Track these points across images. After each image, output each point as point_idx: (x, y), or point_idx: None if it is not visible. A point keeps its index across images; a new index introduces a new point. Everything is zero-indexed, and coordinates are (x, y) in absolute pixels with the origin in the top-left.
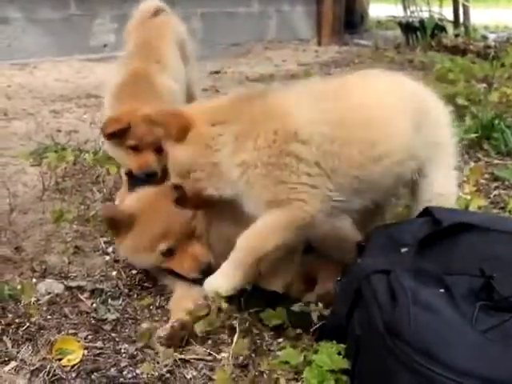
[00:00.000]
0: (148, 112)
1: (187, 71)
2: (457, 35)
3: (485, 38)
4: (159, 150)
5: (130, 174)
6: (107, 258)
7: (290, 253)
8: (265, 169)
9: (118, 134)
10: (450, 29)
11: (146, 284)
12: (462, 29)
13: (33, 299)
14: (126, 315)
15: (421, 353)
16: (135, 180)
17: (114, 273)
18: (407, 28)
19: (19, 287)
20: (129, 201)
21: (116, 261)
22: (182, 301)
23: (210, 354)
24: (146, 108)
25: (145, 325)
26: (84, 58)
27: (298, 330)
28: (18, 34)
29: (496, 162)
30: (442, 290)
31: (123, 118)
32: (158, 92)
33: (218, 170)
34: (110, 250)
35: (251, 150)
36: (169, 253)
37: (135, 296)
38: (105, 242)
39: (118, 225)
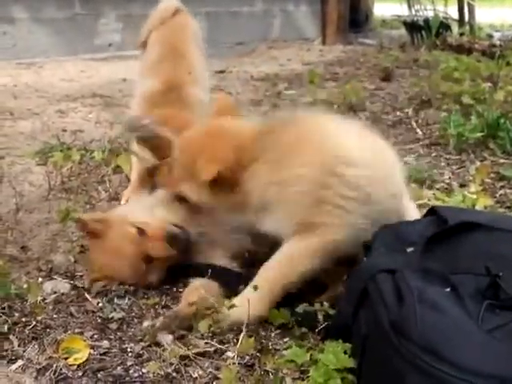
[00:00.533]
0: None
1: None
2: (462, 34)
3: (490, 36)
4: None
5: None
6: None
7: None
8: (308, 186)
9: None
10: (455, 28)
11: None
12: (467, 27)
13: (39, 298)
14: (132, 314)
15: (427, 352)
16: None
17: None
18: (412, 27)
19: (25, 286)
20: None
21: None
22: (192, 292)
23: (215, 353)
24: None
25: (147, 322)
26: (89, 57)
27: (304, 329)
28: (24, 33)
29: (502, 161)
30: (448, 290)
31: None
32: (189, 103)
33: (244, 199)
34: None
35: (296, 166)
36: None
37: (141, 295)
38: None
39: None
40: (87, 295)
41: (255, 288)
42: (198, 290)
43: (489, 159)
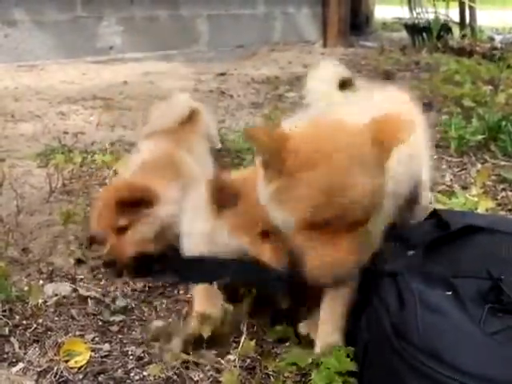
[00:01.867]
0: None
1: None
2: (463, 37)
3: (491, 39)
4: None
5: None
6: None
7: None
8: None
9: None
10: (457, 30)
11: (152, 285)
12: (469, 30)
13: (40, 301)
14: (133, 317)
15: (429, 355)
16: None
17: None
18: (413, 30)
19: (26, 289)
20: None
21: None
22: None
23: (217, 357)
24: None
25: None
26: (90, 60)
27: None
28: (25, 36)
29: (503, 163)
30: (449, 293)
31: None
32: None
33: None
34: None
35: None
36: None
37: (142, 298)
38: None
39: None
40: (88, 298)
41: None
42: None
43: (490, 162)
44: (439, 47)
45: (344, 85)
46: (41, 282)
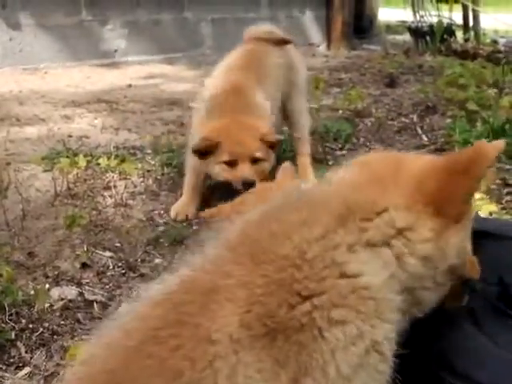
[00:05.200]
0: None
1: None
2: (466, 40)
3: (495, 42)
4: (255, 160)
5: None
6: (120, 263)
7: None
8: None
9: (207, 152)
10: (460, 33)
11: None
12: (472, 33)
13: (46, 305)
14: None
15: (442, 366)
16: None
17: (124, 278)
18: (416, 33)
19: (32, 293)
20: None
21: (129, 267)
22: None
23: None
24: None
25: None
26: (94, 63)
27: None
28: (30, 39)
29: (507, 167)
30: None
31: (212, 136)
32: (250, 106)
33: None
34: (120, 255)
35: None
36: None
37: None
38: (115, 246)
39: None
40: (94, 302)
41: None
42: None
43: (494, 165)
44: (442, 50)
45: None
46: (47, 285)
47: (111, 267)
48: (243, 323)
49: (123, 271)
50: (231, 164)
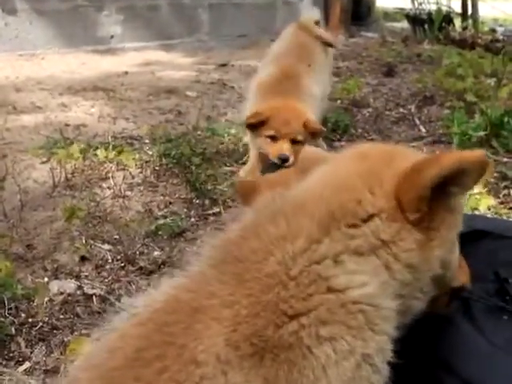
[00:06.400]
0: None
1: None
2: (465, 28)
3: (493, 31)
4: (295, 141)
5: (265, 159)
6: (119, 256)
7: None
8: None
9: (257, 125)
10: (458, 22)
11: (155, 283)
12: (470, 22)
13: (46, 299)
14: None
15: (439, 365)
16: (269, 165)
17: (123, 272)
18: (414, 20)
19: (32, 286)
20: None
21: (128, 260)
22: None
23: None
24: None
25: None
26: (90, 49)
27: None
28: (26, 25)
29: (505, 160)
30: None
31: (264, 112)
32: (302, 92)
33: None
34: (119, 247)
35: None
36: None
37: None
38: (114, 239)
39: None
40: (93, 296)
41: None
42: None
43: (491, 158)
44: (441, 39)
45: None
46: (46, 279)
47: (110, 260)
48: (230, 343)
49: (122, 264)
50: (273, 139)
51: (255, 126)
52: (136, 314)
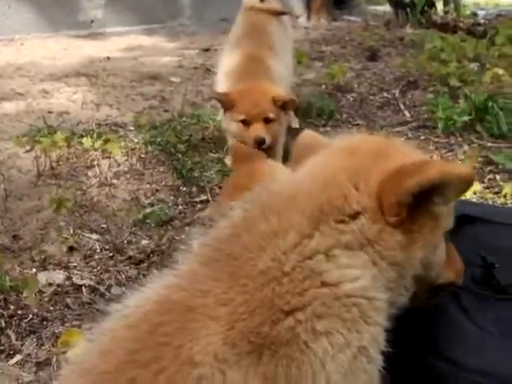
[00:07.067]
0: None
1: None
2: (446, 12)
3: (474, 15)
4: (268, 120)
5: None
6: (107, 246)
7: None
8: None
9: (227, 108)
10: (440, 5)
11: (144, 273)
12: (452, 5)
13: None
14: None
15: (428, 350)
16: None
17: (112, 262)
18: (397, 4)
19: (20, 278)
20: None
21: (116, 250)
22: None
23: None
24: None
25: None
26: (71, 34)
27: None
28: (4, 9)
29: (489, 144)
30: None
31: (230, 95)
32: (269, 74)
33: None
34: (107, 237)
35: None
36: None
37: (137, 286)
38: (101, 228)
39: None
40: (82, 287)
41: None
42: None
43: (476, 143)
44: (423, 22)
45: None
46: (34, 270)
47: (98, 250)
48: (227, 341)
49: (111, 254)
50: (246, 123)
51: (226, 107)
52: (126, 315)
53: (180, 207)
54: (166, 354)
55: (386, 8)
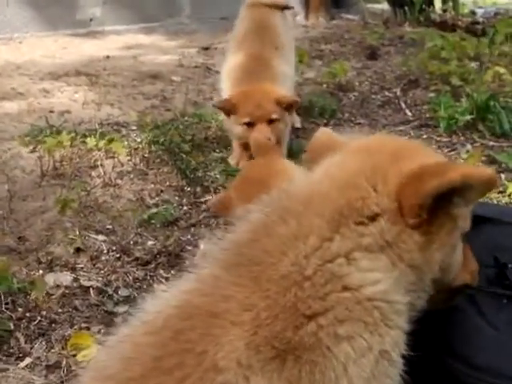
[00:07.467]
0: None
1: None
2: (445, 10)
3: (473, 13)
4: (271, 121)
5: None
6: (114, 247)
7: None
8: None
9: (230, 112)
10: (439, 3)
11: (152, 274)
12: (451, 4)
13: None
14: (137, 307)
15: (444, 351)
16: None
17: (119, 263)
18: (395, 2)
19: (27, 280)
20: None
21: (123, 251)
22: None
23: None
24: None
25: None
26: (69, 32)
27: None
28: (2, 7)
29: (491, 143)
30: None
31: (232, 98)
32: (273, 75)
33: None
34: (113, 238)
35: None
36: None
37: (144, 287)
38: (107, 229)
39: None
40: (90, 289)
41: None
42: None
43: (478, 142)
44: (421, 21)
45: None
46: (40, 271)
47: (105, 251)
48: (251, 347)
49: (117, 255)
50: (250, 125)
51: (229, 113)
52: (147, 321)
53: (185, 208)
54: (189, 361)
55: (384, 6)
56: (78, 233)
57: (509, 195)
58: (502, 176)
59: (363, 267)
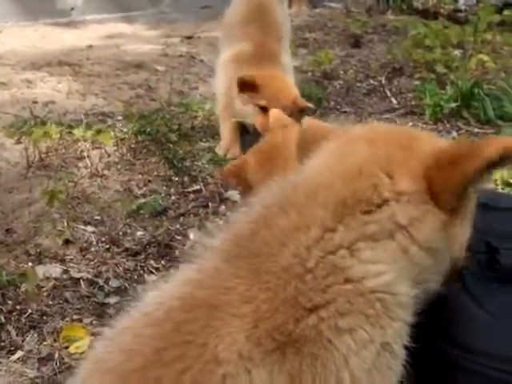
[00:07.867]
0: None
1: None
2: None
3: (455, 1)
4: None
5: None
6: (103, 238)
7: None
8: None
9: (247, 90)
10: None
11: (142, 264)
12: None
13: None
14: (128, 298)
15: (440, 336)
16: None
17: (109, 254)
18: None
19: (17, 272)
20: None
21: (112, 242)
22: None
23: None
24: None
25: None
26: (50, 22)
27: None
28: None
29: (476, 130)
30: None
31: (256, 78)
32: (278, 63)
33: None
34: (102, 229)
35: None
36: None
37: (135, 277)
38: (95, 220)
39: None
40: (80, 280)
41: None
42: None
43: (463, 129)
44: (404, 9)
45: None
46: (29, 264)
47: (94, 242)
48: (251, 339)
49: (107, 246)
50: (263, 109)
51: (246, 90)
52: (148, 312)
53: (173, 197)
54: (190, 352)
55: None
56: (66, 224)
57: (495, 181)
58: None
59: (366, 258)
